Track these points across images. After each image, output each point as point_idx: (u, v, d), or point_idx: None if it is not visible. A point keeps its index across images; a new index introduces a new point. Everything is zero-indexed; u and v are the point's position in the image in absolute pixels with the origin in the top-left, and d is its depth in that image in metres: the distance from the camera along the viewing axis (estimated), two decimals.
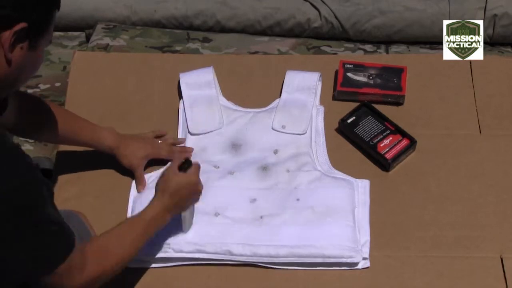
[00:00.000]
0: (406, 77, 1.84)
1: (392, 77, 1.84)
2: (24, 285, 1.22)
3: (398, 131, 1.76)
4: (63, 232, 1.24)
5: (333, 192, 1.65)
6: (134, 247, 1.40)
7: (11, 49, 1.16)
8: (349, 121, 1.78)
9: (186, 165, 1.47)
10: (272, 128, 1.77)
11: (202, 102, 1.81)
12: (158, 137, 1.74)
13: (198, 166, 1.49)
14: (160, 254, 1.55)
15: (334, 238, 1.57)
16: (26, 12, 1.15)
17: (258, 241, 1.57)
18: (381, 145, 1.74)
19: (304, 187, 1.66)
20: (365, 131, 1.76)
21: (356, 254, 1.55)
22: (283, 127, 1.77)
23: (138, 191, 1.67)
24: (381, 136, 1.75)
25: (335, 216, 1.60)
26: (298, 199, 1.64)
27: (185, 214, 1.52)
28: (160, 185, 1.46)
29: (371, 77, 1.85)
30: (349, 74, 1.86)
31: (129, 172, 1.69)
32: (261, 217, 1.61)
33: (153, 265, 1.56)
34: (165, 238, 1.55)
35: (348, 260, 1.55)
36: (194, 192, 1.49)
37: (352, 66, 1.87)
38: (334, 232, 1.58)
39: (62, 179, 1.71)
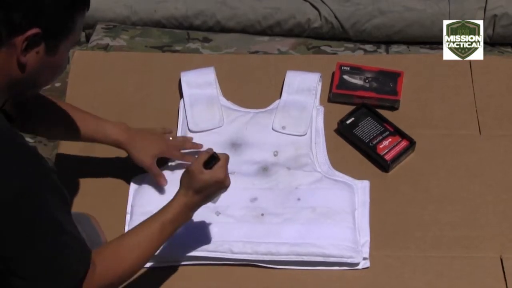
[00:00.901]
0: (403, 81, 1.84)
1: (388, 81, 1.84)
2: None
3: (397, 132, 1.76)
4: (78, 246, 1.21)
5: (333, 194, 1.65)
6: (153, 247, 1.36)
7: (24, 53, 1.14)
8: (348, 122, 1.78)
9: (213, 162, 1.39)
10: (272, 129, 1.77)
11: (202, 101, 1.81)
12: (166, 133, 1.70)
13: (226, 160, 1.41)
14: (159, 253, 1.55)
15: (335, 238, 1.57)
16: (39, 18, 1.12)
17: (259, 238, 1.57)
18: (381, 146, 1.74)
19: (305, 187, 1.66)
20: (364, 132, 1.76)
21: (356, 255, 1.56)
22: (283, 128, 1.77)
23: (163, 184, 1.62)
24: (380, 137, 1.75)
25: (336, 217, 1.60)
26: (298, 199, 1.64)
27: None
28: (184, 182, 1.39)
29: (367, 81, 1.85)
30: (345, 77, 1.86)
31: (128, 172, 1.69)
32: (262, 215, 1.62)
33: (153, 265, 1.56)
34: None
35: (349, 261, 1.55)
36: (220, 188, 1.42)
37: (348, 68, 1.87)
38: (334, 233, 1.58)
39: (61, 179, 1.70)
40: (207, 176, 1.38)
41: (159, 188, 1.65)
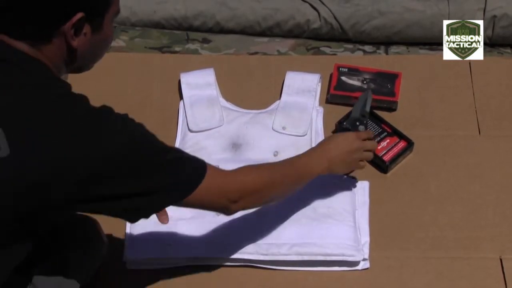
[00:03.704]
0: (401, 83, 1.84)
1: (386, 82, 1.84)
2: None
3: (395, 133, 1.77)
4: (188, 158, 1.27)
5: (334, 194, 1.65)
6: (291, 184, 1.46)
7: (74, 38, 1.17)
8: (346, 123, 1.78)
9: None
10: (273, 129, 1.77)
11: (202, 101, 1.81)
12: None
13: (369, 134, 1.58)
14: (161, 255, 1.56)
15: (336, 237, 1.57)
16: (81, 2, 1.14)
17: (260, 239, 1.57)
18: (379, 147, 1.74)
19: (305, 187, 1.66)
20: None
21: (357, 253, 1.56)
22: (284, 128, 1.77)
23: (165, 222, 1.59)
24: (378, 139, 1.75)
25: (337, 217, 1.60)
26: (299, 199, 1.64)
27: None
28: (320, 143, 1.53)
29: (365, 82, 1.85)
30: (343, 78, 1.86)
31: None
32: (263, 215, 1.61)
33: (154, 267, 1.56)
34: (166, 239, 1.55)
35: (350, 259, 1.55)
36: (353, 149, 1.53)
37: (346, 69, 1.87)
38: (335, 232, 1.58)
39: None
40: (339, 136, 1.53)
41: None
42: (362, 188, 1.68)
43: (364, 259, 1.58)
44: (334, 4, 2.09)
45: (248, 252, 1.56)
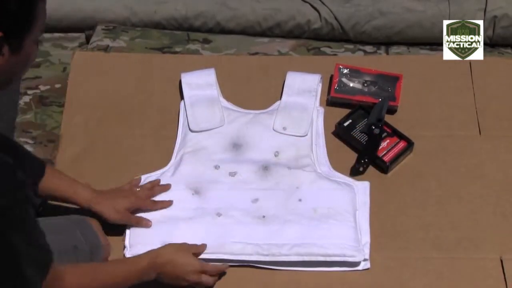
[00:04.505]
0: (401, 86, 1.84)
1: (387, 85, 1.84)
2: None
3: (395, 133, 1.77)
4: (37, 256, 1.20)
5: (334, 195, 1.65)
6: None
7: None
8: (345, 124, 1.78)
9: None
10: (273, 129, 1.77)
11: (203, 101, 1.81)
12: (135, 185, 1.66)
13: (221, 270, 1.52)
14: None
15: (337, 237, 1.57)
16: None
17: (261, 240, 1.57)
18: (379, 147, 1.74)
19: (305, 187, 1.66)
20: (362, 134, 1.76)
21: (358, 254, 1.55)
22: (284, 128, 1.77)
23: (148, 226, 1.60)
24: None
25: (337, 217, 1.60)
26: (300, 200, 1.64)
27: None
28: (167, 252, 1.46)
29: (365, 84, 1.85)
30: (344, 80, 1.85)
31: (129, 172, 1.69)
32: (263, 216, 1.62)
33: None
34: (166, 239, 1.55)
35: (350, 259, 1.55)
36: (186, 278, 1.47)
37: (347, 70, 1.87)
38: (336, 232, 1.58)
39: None
40: (189, 262, 1.47)
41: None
42: (363, 188, 1.68)
43: (364, 260, 1.57)
44: (335, 5, 2.09)
45: (248, 253, 1.56)
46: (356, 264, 1.56)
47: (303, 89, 1.83)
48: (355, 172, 1.71)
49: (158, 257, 1.44)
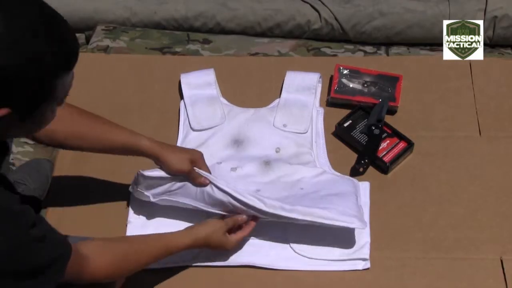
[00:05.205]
0: (401, 86, 1.84)
1: (387, 86, 1.84)
2: None
3: (395, 134, 1.77)
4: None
5: (337, 182, 1.64)
6: (144, 264, 1.43)
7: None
8: (345, 125, 1.78)
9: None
10: (274, 126, 1.77)
11: (203, 101, 1.82)
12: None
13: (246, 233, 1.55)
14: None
15: (340, 205, 1.55)
16: (6, 98, 1.05)
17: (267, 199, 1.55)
18: (379, 148, 1.74)
19: (307, 180, 1.66)
20: (362, 135, 1.76)
21: (358, 221, 1.53)
22: (284, 125, 1.77)
23: (205, 183, 1.57)
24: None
25: (340, 195, 1.59)
26: (302, 188, 1.63)
27: None
28: (201, 230, 1.50)
29: (365, 85, 1.85)
30: (343, 80, 1.86)
31: (129, 172, 1.69)
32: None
33: (155, 266, 1.56)
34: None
35: (351, 226, 1.53)
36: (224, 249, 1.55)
37: (347, 71, 1.87)
38: (339, 203, 1.56)
39: (62, 180, 1.71)
40: (224, 240, 1.52)
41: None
42: (363, 188, 1.68)
43: (364, 260, 1.57)
44: (335, 5, 2.10)
45: (252, 199, 1.53)
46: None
47: (303, 87, 1.83)
48: (355, 172, 1.71)
49: (196, 240, 1.49)
